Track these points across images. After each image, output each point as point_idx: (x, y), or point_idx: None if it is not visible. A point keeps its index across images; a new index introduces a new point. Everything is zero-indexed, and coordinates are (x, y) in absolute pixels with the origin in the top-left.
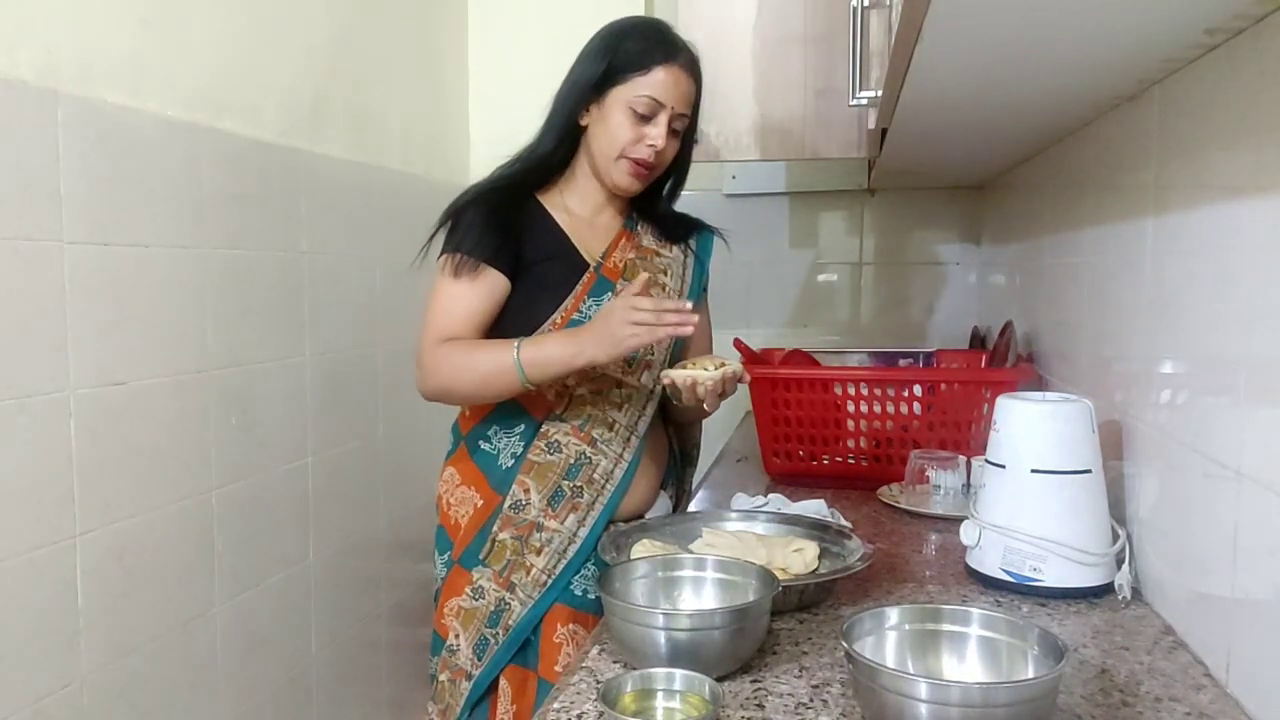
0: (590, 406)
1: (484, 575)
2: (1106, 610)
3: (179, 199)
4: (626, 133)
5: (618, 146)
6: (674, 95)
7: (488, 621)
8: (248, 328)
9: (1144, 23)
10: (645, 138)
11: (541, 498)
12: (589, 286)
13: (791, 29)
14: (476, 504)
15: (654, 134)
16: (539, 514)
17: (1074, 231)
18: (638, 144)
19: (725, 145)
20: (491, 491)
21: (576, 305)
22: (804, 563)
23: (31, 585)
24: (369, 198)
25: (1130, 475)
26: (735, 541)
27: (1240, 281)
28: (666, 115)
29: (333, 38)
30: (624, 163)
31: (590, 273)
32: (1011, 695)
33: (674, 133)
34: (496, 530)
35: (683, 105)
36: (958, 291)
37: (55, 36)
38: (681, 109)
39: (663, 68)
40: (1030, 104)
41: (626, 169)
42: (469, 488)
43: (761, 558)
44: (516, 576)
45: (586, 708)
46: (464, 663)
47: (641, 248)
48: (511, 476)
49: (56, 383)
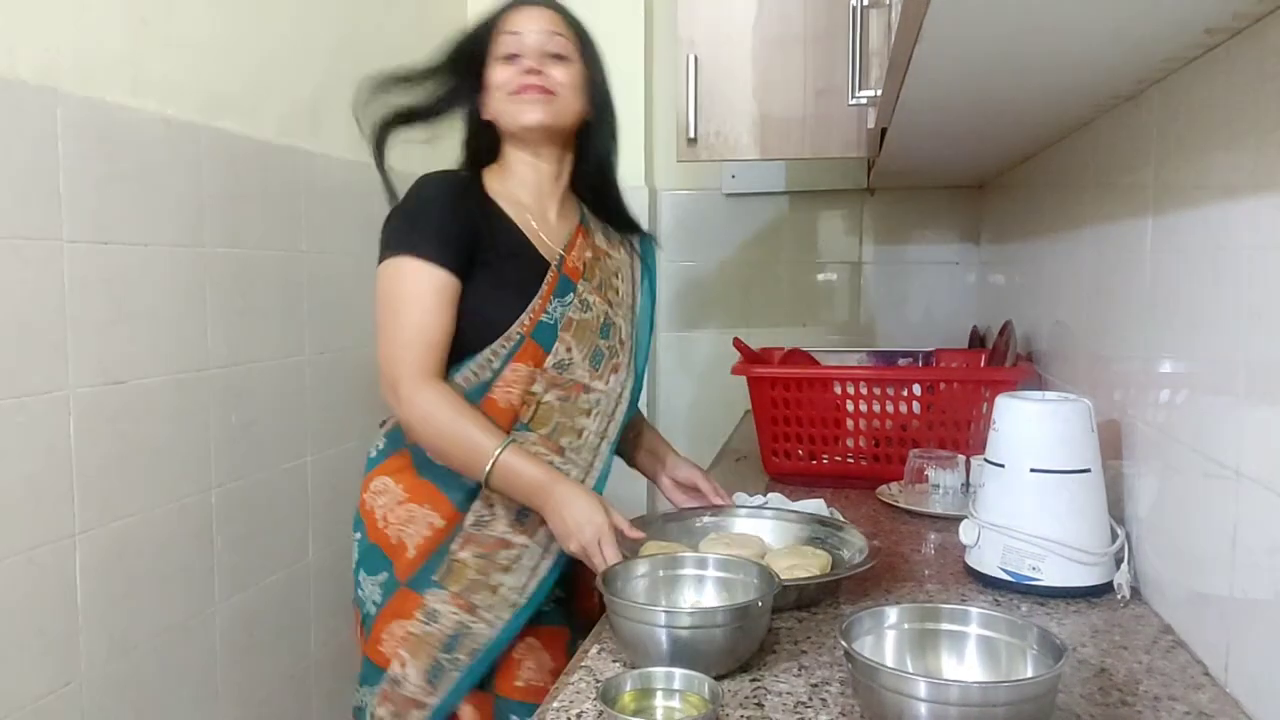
0: (558, 414)
1: (439, 598)
2: (1105, 609)
3: (179, 199)
4: (501, 75)
5: (502, 93)
6: (527, 21)
7: (443, 647)
8: (248, 328)
9: (1144, 23)
10: (517, 68)
11: (508, 511)
12: (553, 287)
13: (791, 29)
14: (434, 524)
15: (522, 62)
16: (506, 529)
17: (1073, 231)
18: (513, 78)
19: (725, 144)
20: (453, 510)
21: (543, 307)
22: (816, 567)
23: (31, 585)
24: (369, 198)
25: (1129, 475)
26: (743, 550)
27: (1240, 281)
28: (530, 40)
29: (333, 38)
30: (512, 100)
31: (553, 272)
32: (1011, 694)
33: (555, 58)
34: (456, 549)
35: (544, 26)
36: (957, 291)
37: (55, 36)
38: (544, 29)
39: (517, 8)
40: (1030, 104)
41: (516, 103)
42: (422, 505)
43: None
44: (479, 597)
45: (586, 707)
46: (414, 692)
47: (596, 246)
48: (476, 492)
49: (56, 382)
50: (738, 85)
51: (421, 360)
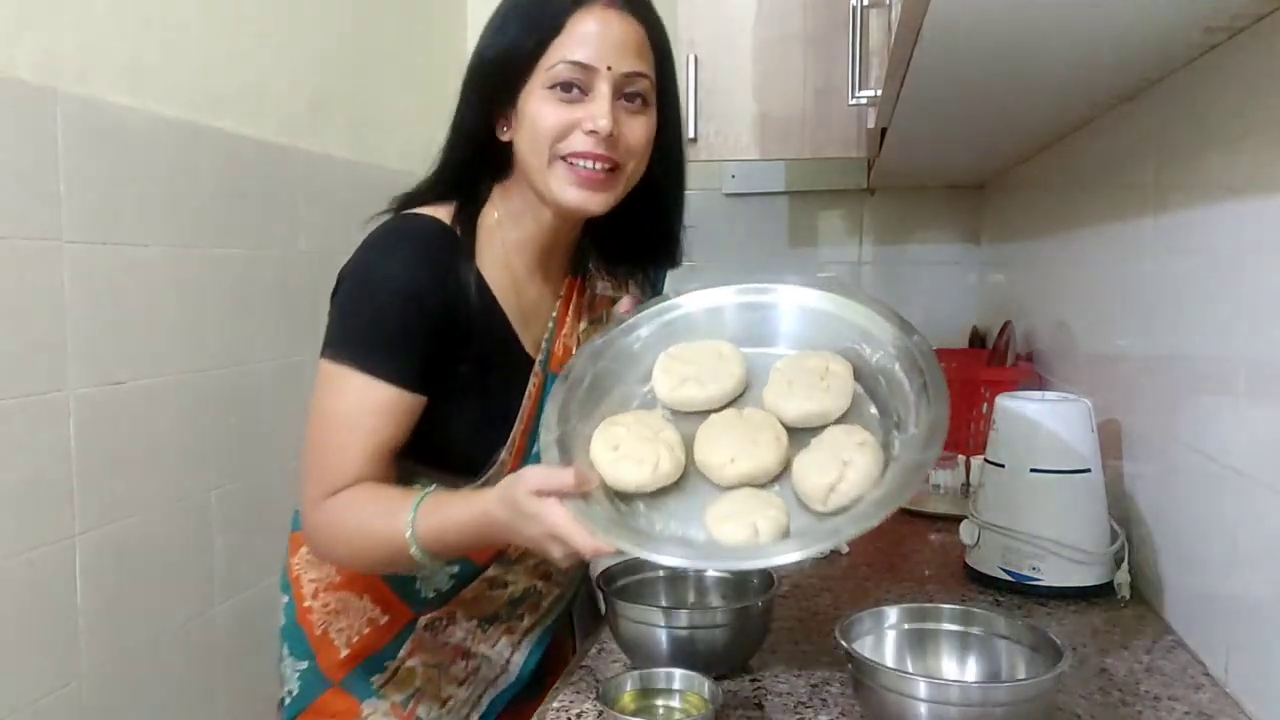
0: None
1: (378, 708)
2: (1105, 609)
3: (178, 199)
4: (549, 120)
5: (544, 145)
6: (607, 47)
7: None
8: (248, 328)
9: (1144, 23)
10: (579, 121)
11: (468, 618)
12: (539, 391)
13: (791, 28)
14: (375, 620)
15: (591, 111)
16: (465, 636)
17: (1073, 231)
18: (570, 133)
19: (725, 144)
20: (401, 605)
21: (527, 426)
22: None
23: (31, 585)
24: (369, 198)
25: (1130, 475)
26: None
27: (1240, 281)
28: (606, 80)
29: (332, 38)
30: (560, 167)
31: (536, 374)
32: (1011, 695)
33: (630, 100)
34: (403, 655)
35: (628, 58)
36: (957, 291)
37: (55, 36)
38: (628, 64)
39: (580, 13)
40: (1030, 104)
41: (566, 175)
42: (360, 596)
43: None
44: (425, 709)
45: (586, 707)
46: None
47: (594, 304)
48: (437, 604)
49: (56, 383)
50: (738, 85)
51: (337, 480)
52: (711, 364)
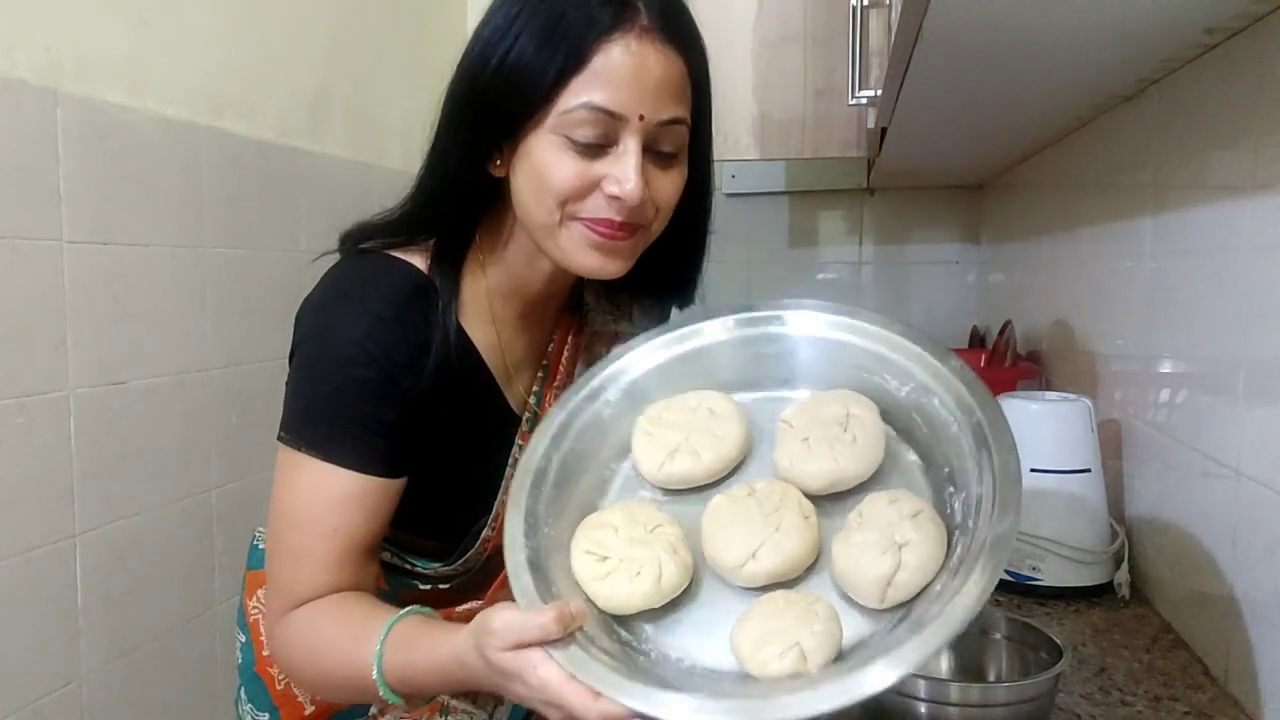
0: None
1: None
2: (1105, 609)
3: (179, 198)
4: (563, 175)
5: (553, 202)
6: (640, 91)
7: None
8: (248, 328)
9: (1144, 23)
10: (600, 181)
11: None
12: None
13: (791, 28)
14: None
15: (614, 171)
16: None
17: (1073, 231)
18: (590, 194)
19: (725, 144)
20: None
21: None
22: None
23: (31, 585)
24: (369, 197)
25: (1129, 474)
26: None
27: (1239, 281)
28: (635, 133)
29: (332, 37)
30: (575, 228)
31: (523, 434)
32: (1011, 695)
33: (663, 158)
34: (376, 714)
35: (664, 103)
36: (957, 291)
37: (55, 36)
38: (664, 111)
39: (609, 43)
40: (1030, 104)
41: (581, 237)
42: None
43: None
44: None
45: None
46: None
47: (593, 344)
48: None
49: (56, 382)
50: (738, 85)
51: (298, 591)
52: (702, 424)
